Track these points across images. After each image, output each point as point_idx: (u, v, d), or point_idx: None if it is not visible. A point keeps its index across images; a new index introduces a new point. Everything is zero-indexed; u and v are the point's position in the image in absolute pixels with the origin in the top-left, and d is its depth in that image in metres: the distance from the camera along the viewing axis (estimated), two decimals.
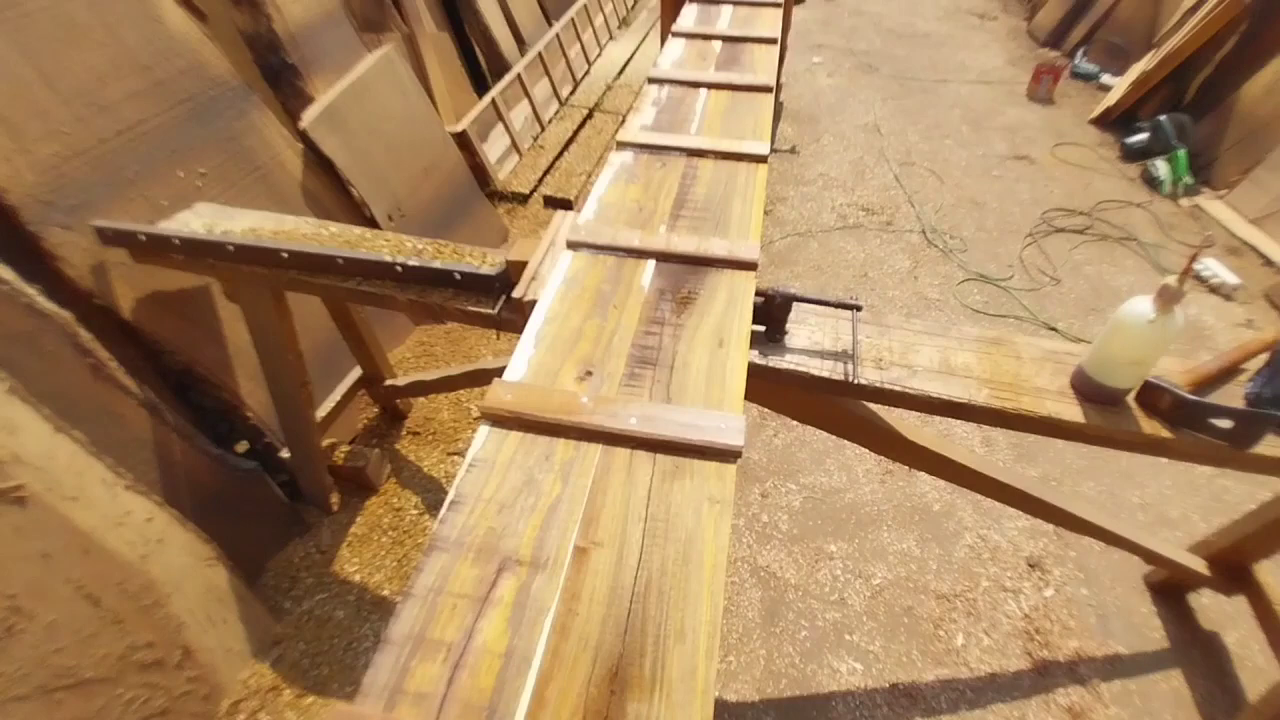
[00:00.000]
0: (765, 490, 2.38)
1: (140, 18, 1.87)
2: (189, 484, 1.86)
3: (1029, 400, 1.31)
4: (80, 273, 1.68)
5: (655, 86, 2.10)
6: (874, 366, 1.40)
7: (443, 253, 1.65)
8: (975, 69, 5.81)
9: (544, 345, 1.15)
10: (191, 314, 1.92)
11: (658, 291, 1.27)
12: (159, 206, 1.81)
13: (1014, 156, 4.51)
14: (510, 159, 4.14)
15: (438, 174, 3.08)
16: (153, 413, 1.76)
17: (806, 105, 5.23)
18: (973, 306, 3.24)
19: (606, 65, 5.62)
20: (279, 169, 2.27)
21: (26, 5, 1.62)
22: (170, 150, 1.91)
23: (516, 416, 1.01)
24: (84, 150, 1.70)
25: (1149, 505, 2.34)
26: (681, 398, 1.06)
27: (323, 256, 1.54)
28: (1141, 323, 1.18)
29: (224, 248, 1.58)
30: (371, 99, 2.69)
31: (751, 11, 2.71)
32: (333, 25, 2.62)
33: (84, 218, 1.65)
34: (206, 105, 2.04)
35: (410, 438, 2.49)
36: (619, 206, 1.52)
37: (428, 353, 2.82)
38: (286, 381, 1.88)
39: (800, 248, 3.65)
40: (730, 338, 1.17)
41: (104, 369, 1.67)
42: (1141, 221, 3.85)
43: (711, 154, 1.72)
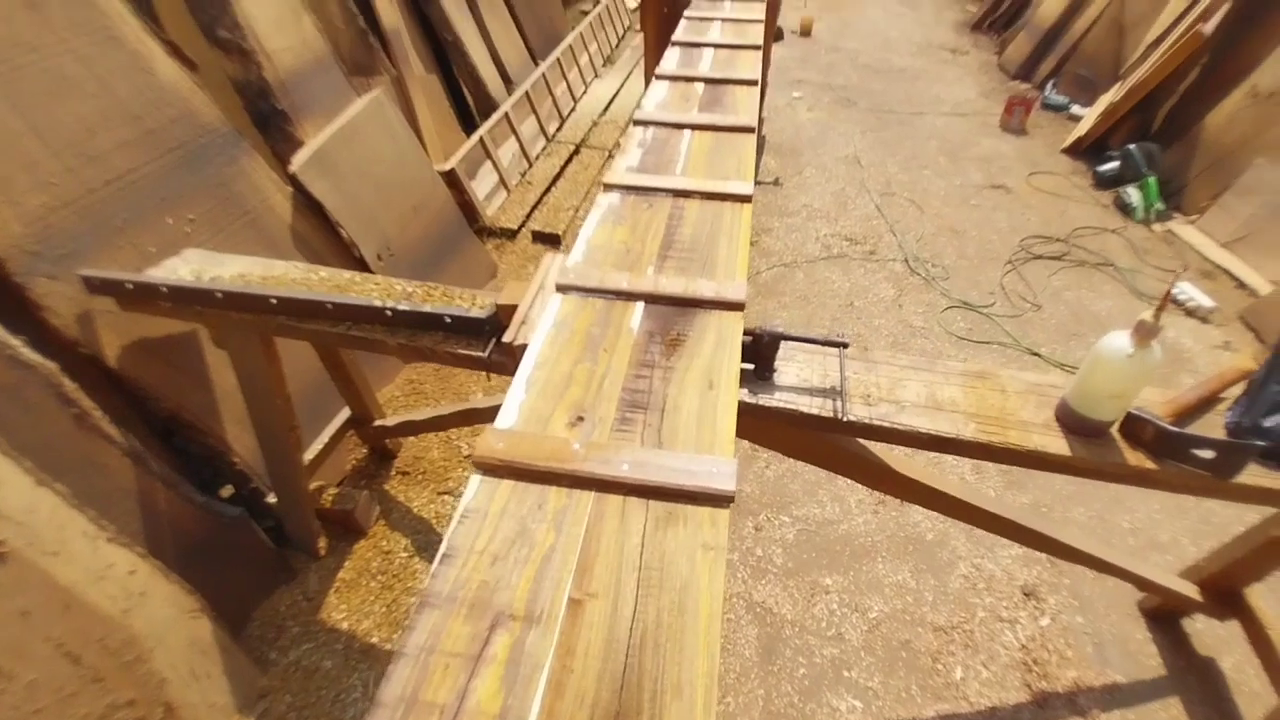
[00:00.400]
0: (759, 523, 2.37)
1: (131, 69, 1.90)
2: (173, 533, 1.82)
3: (1015, 434, 1.33)
4: (66, 322, 1.67)
5: (640, 128, 2.15)
6: (862, 402, 1.41)
7: (432, 295, 1.66)
8: (949, 102, 5.99)
9: (535, 391, 1.15)
10: (178, 360, 1.91)
11: (647, 334, 1.28)
12: (147, 254, 1.81)
13: (990, 186, 4.63)
14: (498, 195, 4.19)
15: (426, 212, 3.11)
16: (137, 462, 1.74)
17: (788, 139, 5.36)
18: (957, 334, 3.28)
19: (592, 102, 5.74)
20: (268, 213, 2.28)
21: (17, 60, 1.64)
22: (160, 198, 1.92)
23: (508, 465, 1.00)
24: (72, 200, 1.70)
25: (1139, 530, 2.35)
26: (673, 442, 1.06)
27: (312, 302, 1.55)
28: (1120, 357, 1.21)
29: (212, 295, 1.58)
30: (361, 142, 2.72)
31: (732, 54, 2.79)
32: (322, 71, 2.67)
33: (71, 267, 1.64)
34: (196, 152, 2.06)
35: (400, 478, 2.46)
36: (607, 248, 1.54)
37: (417, 390, 2.81)
38: (274, 426, 1.87)
39: (787, 278, 3.70)
40: (720, 379, 1.18)
41: (88, 419, 1.65)
42: (1117, 247, 3.95)
43: (697, 194, 1.75)
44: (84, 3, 1.82)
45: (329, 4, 3.16)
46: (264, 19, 2.39)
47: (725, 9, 3.45)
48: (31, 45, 1.67)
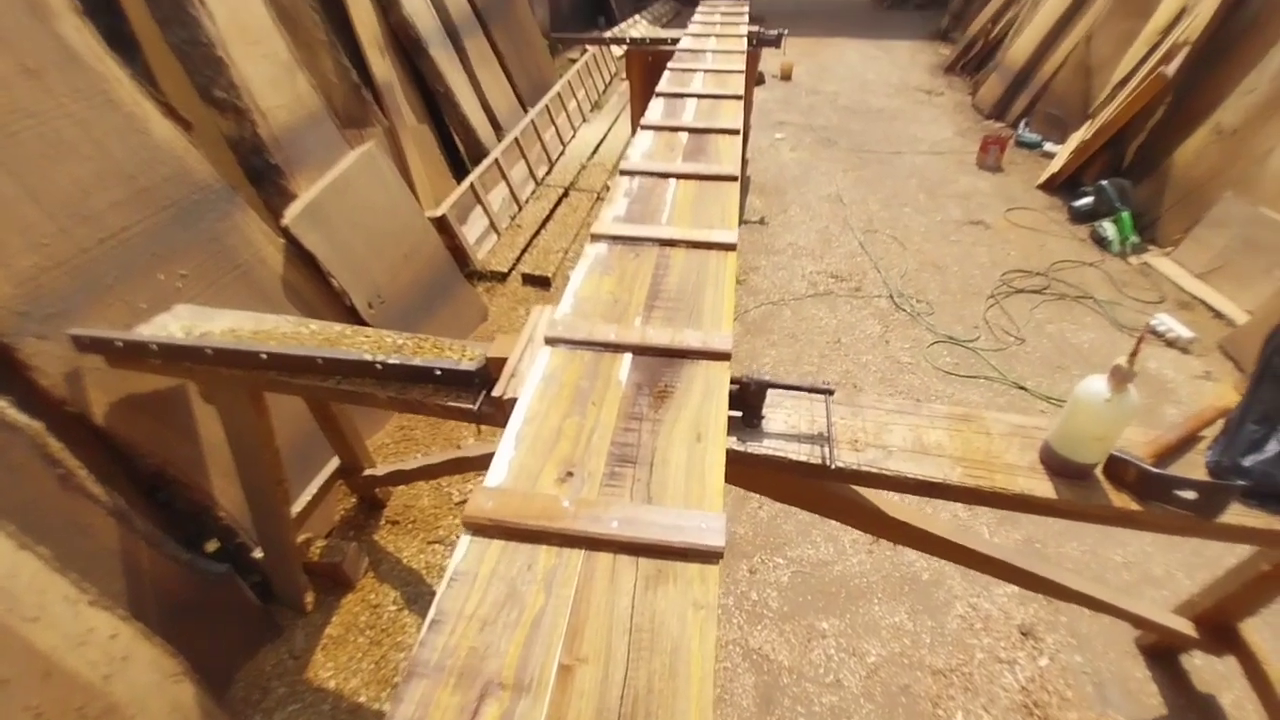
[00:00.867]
0: (753, 566, 2.35)
1: (127, 130, 1.94)
2: (156, 593, 1.79)
3: (1001, 477, 1.34)
4: (54, 381, 1.66)
5: (626, 178, 2.21)
6: (850, 448, 1.42)
7: (423, 348, 1.67)
8: (927, 141, 6.18)
9: (524, 446, 1.16)
10: (165, 415, 1.90)
11: (635, 386, 1.30)
12: (138, 310, 1.82)
13: (970, 222, 4.75)
14: (489, 239, 4.25)
15: (417, 259, 3.15)
16: (120, 521, 1.72)
17: (772, 178, 5.49)
18: (944, 369, 3.32)
19: (580, 146, 5.88)
20: (260, 265, 2.30)
21: (14, 125, 1.68)
22: (152, 254, 1.94)
23: (498, 524, 1.00)
24: (64, 260, 1.72)
25: (1132, 564, 2.35)
26: (662, 496, 1.07)
27: (302, 357, 1.56)
28: (1099, 401, 1.23)
29: (202, 352, 1.59)
30: (353, 193, 2.77)
31: (714, 104, 2.89)
32: (316, 126, 2.74)
33: (60, 327, 1.65)
34: (189, 209, 2.09)
35: (389, 527, 2.43)
36: (595, 299, 1.56)
37: (408, 437, 2.80)
38: (262, 480, 1.85)
39: (774, 316, 3.75)
40: (708, 431, 1.19)
41: (72, 478, 1.64)
42: (1095, 280, 4.04)
43: (682, 244, 1.79)
44: (83, 68, 1.87)
45: (323, 60, 3.26)
46: (259, 78, 2.46)
47: (707, 61, 3.58)
48: (29, 111, 1.71)
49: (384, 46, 3.86)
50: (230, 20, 2.38)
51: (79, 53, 1.86)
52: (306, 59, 3.00)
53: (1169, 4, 4.99)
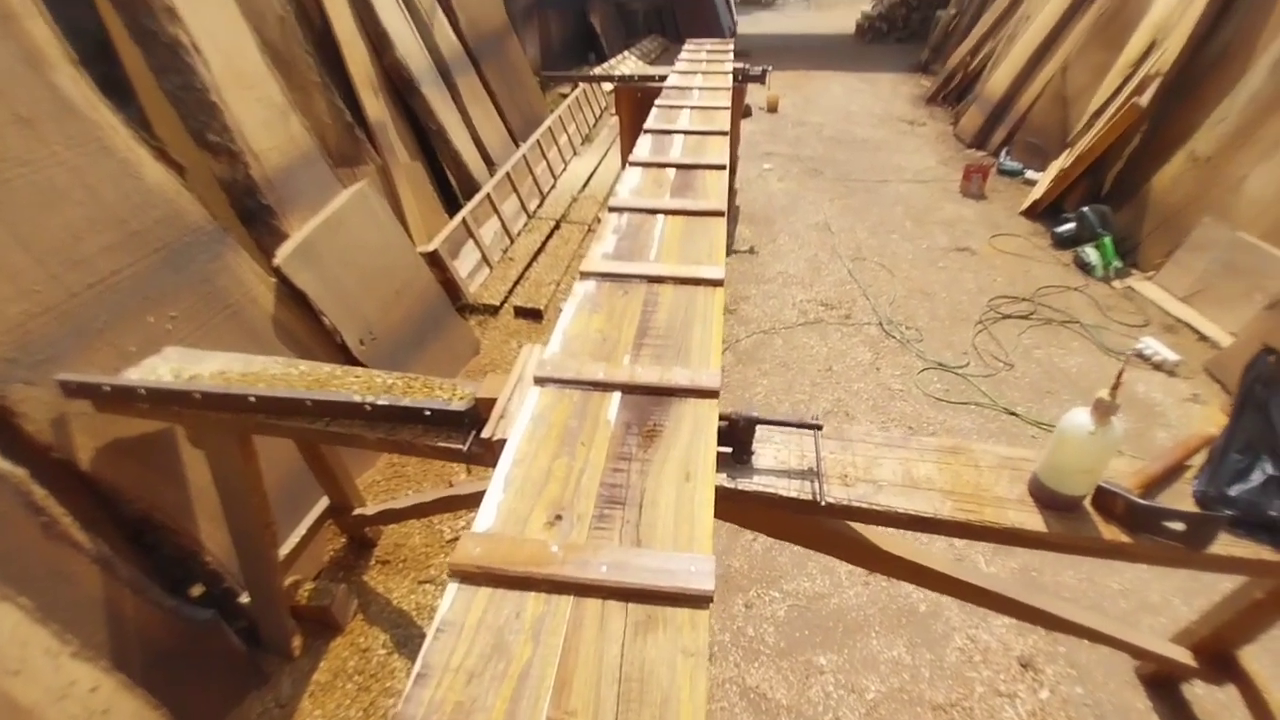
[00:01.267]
0: (749, 600, 2.33)
1: (120, 176, 1.96)
2: (140, 642, 1.75)
3: (991, 511, 1.34)
4: (40, 427, 1.65)
5: (615, 215, 2.24)
6: (840, 483, 1.42)
7: (412, 387, 1.67)
8: (911, 170, 6.31)
9: (513, 489, 1.15)
10: (152, 459, 1.88)
11: (624, 425, 1.30)
12: (127, 354, 1.82)
13: (956, 248, 4.82)
14: (481, 272, 4.28)
15: (409, 294, 3.16)
16: (104, 568, 1.69)
17: (761, 208, 5.58)
18: (935, 395, 3.34)
19: (571, 179, 5.96)
20: (251, 305, 2.31)
21: (6, 174, 1.70)
22: (142, 297, 1.95)
23: (486, 571, 1.00)
24: (54, 306, 1.72)
25: (1129, 591, 2.34)
26: (651, 538, 1.07)
27: (291, 400, 1.55)
28: (1083, 434, 1.24)
29: (190, 396, 1.58)
30: (345, 231, 2.80)
31: (701, 140, 2.95)
32: (308, 166, 2.77)
33: (48, 372, 1.64)
34: (180, 251, 2.10)
35: (379, 567, 2.40)
36: (584, 337, 1.57)
37: (399, 474, 2.77)
38: (249, 524, 1.83)
39: (766, 345, 3.77)
40: (696, 470, 1.19)
41: (56, 526, 1.61)
42: (1080, 304, 4.09)
43: (670, 280, 1.81)
44: (77, 116, 1.90)
45: (317, 101, 3.32)
46: (252, 122, 2.50)
47: (694, 98, 3.66)
48: (22, 159, 1.73)
49: (377, 87, 3.94)
50: (225, 66, 2.43)
51: (73, 102, 1.89)
52: (300, 101, 3.06)
53: (1140, 37, 5.16)
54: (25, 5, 1.86)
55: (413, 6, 4.61)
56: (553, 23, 9.74)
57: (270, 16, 3.04)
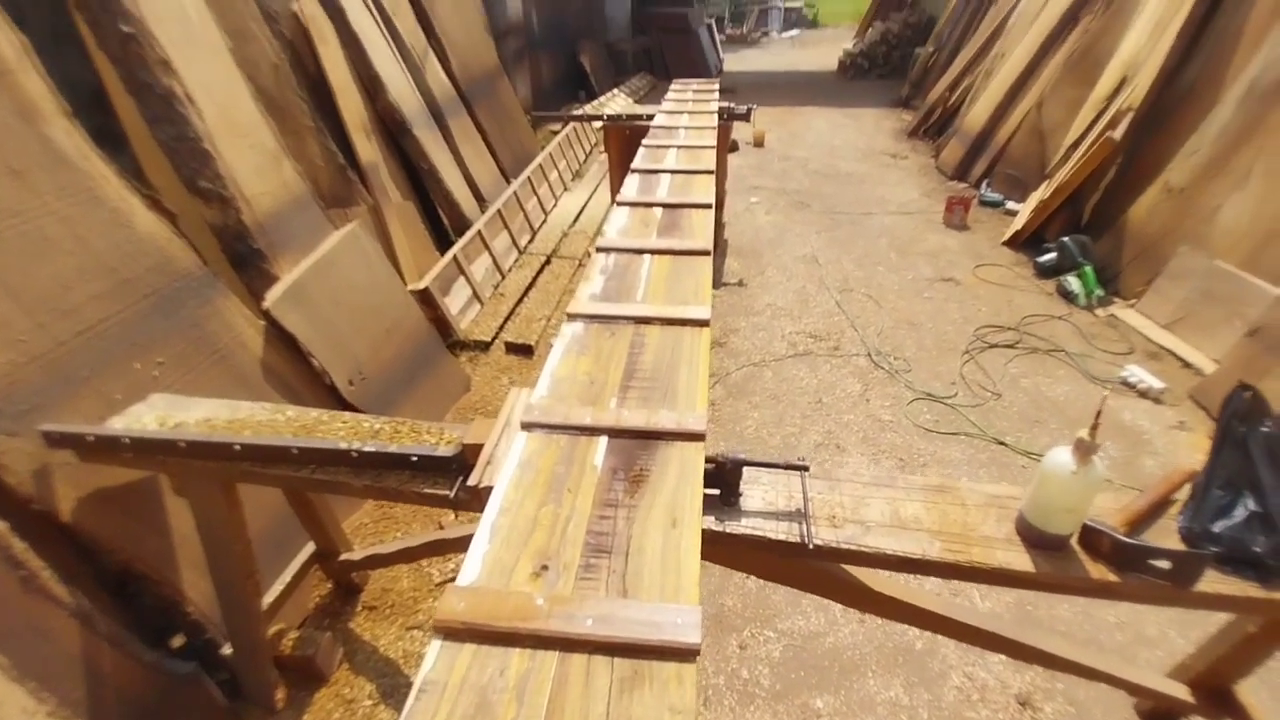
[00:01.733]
0: (743, 640, 2.29)
1: (111, 225, 1.98)
2: (118, 698, 1.70)
3: (979, 551, 1.34)
4: (21, 479, 1.63)
5: (603, 255, 2.27)
6: (828, 525, 1.42)
7: (399, 432, 1.67)
8: (895, 202, 6.44)
9: (499, 539, 1.15)
10: (135, 508, 1.86)
11: (610, 470, 1.30)
12: (113, 401, 1.81)
13: (941, 279, 4.90)
14: (472, 308, 4.30)
15: (399, 333, 3.17)
16: (83, 623, 1.65)
17: (749, 241, 5.66)
18: (925, 426, 3.35)
19: (562, 214, 6.04)
20: (240, 349, 2.31)
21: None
22: (130, 344, 1.95)
23: (470, 627, 0.98)
24: (40, 355, 1.72)
25: (1125, 624, 2.32)
26: (638, 588, 1.06)
27: (276, 447, 1.54)
28: (1065, 474, 1.25)
29: (175, 445, 1.57)
30: (335, 273, 2.82)
31: (687, 179, 3.01)
32: (300, 210, 2.81)
33: (32, 422, 1.63)
34: (170, 297, 2.11)
35: (366, 613, 2.35)
36: (571, 380, 1.58)
37: (388, 516, 2.74)
38: (232, 574, 1.80)
39: (756, 377, 3.79)
40: (683, 516, 1.19)
41: (35, 580, 1.58)
42: (1065, 333, 4.15)
43: (657, 321, 1.83)
44: (69, 167, 1.92)
45: (310, 145, 3.37)
46: (245, 168, 2.54)
47: (680, 137, 3.75)
48: (13, 211, 1.75)
49: (370, 129, 4.01)
50: (218, 116, 2.47)
51: (66, 153, 1.92)
52: (293, 145, 3.11)
53: (1111, 73, 5.34)
54: (20, 61, 1.90)
55: (405, 51, 4.72)
56: (544, 63, 9.98)
57: (265, 65, 3.11)
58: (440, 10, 5.33)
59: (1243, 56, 4.24)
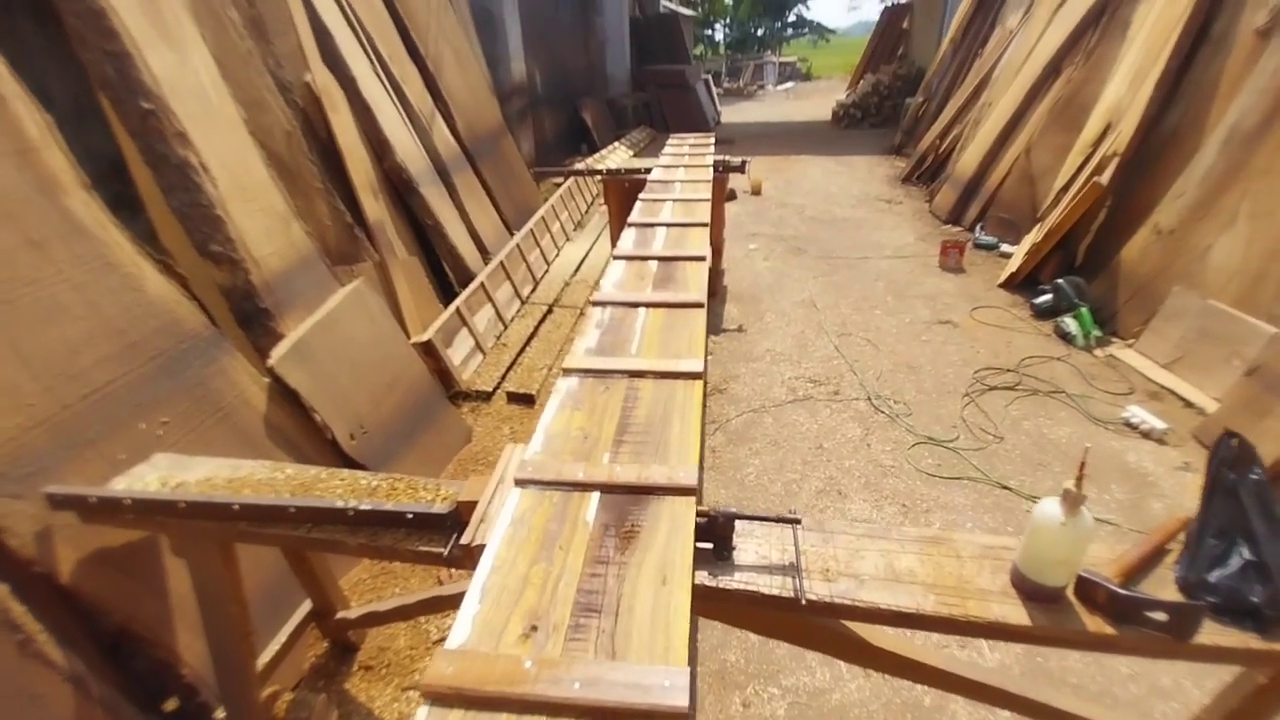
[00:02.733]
0: (746, 698, 2.24)
1: (122, 290, 2.05)
2: None
3: (975, 604, 1.33)
4: (23, 541, 1.65)
5: (599, 309, 2.32)
6: (821, 578, 1.41)
7: (396, 489, 1.68)
8: (890, 246, 6.55)
9: (489, 600, 1.15)
10: (133, 569, 1.87)
11: (602, 526, 1.31)
12: (117, 462, 1.84)
13: (938, 321, 4.94)
14: (474, 359, 4.36)
15: (401, 386, 3.21)
16: (77, 687, 1.64)
17: (748, 287, 5.75)
18: (927, 471, 3.33)
19: (563, 264, 6.17)
20: (244, 406, 2.35)
21: (12, 294, 1.78)
22: (135, 404, 1.99)
23: (458, 693, 0.98)
24: (46, 419, 1.76)
25: (1139, 675, 2.26)
26: (627, 649, 1.06)
27: (274, 507, 1.56)
28: (1055, 525, 1.25)
29: (175, 505, 1.59)
30: (339, 329, 2.89)
31: (683, 232, 3.10)
32: (306, 269, 2.90)
33: (36, 485, 1.66)
34: (176, 358, 2.16)
35: (362, 673, 2.31)
36: (565, 436, 1.61)
37: (386, 570, 2.72)
38: (228, 634, 1.79)
39: (756, 424, 3.80)
40: (673, 574, 1.19)
41: (31, 644, 1.58)
42: (1065, 374, 4.15)
43: (651, 374, 1.86)
44: (85, 237, 2.01)
45: (319, 206, 3.50)
46: (255, 230, 2.64)
47: (676, 190, 3.87)
48: (29, 279, 1.82)
49: (377, 189, 4.16)
50: (230, 182, 2.59)
51: (83, 223, 2.01)
52: (303, 206, 3.23)
53: (1096, 120, 5.50)
54: (44, 138, 2.01)
55: (413, 113, 4.94)
56: (547, 119, 10.37)
57: (278, 132, 3.26)
58: (447, 75, 5.59)
59: (1222, 103, 4.38)
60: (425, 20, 5.41)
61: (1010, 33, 7.92)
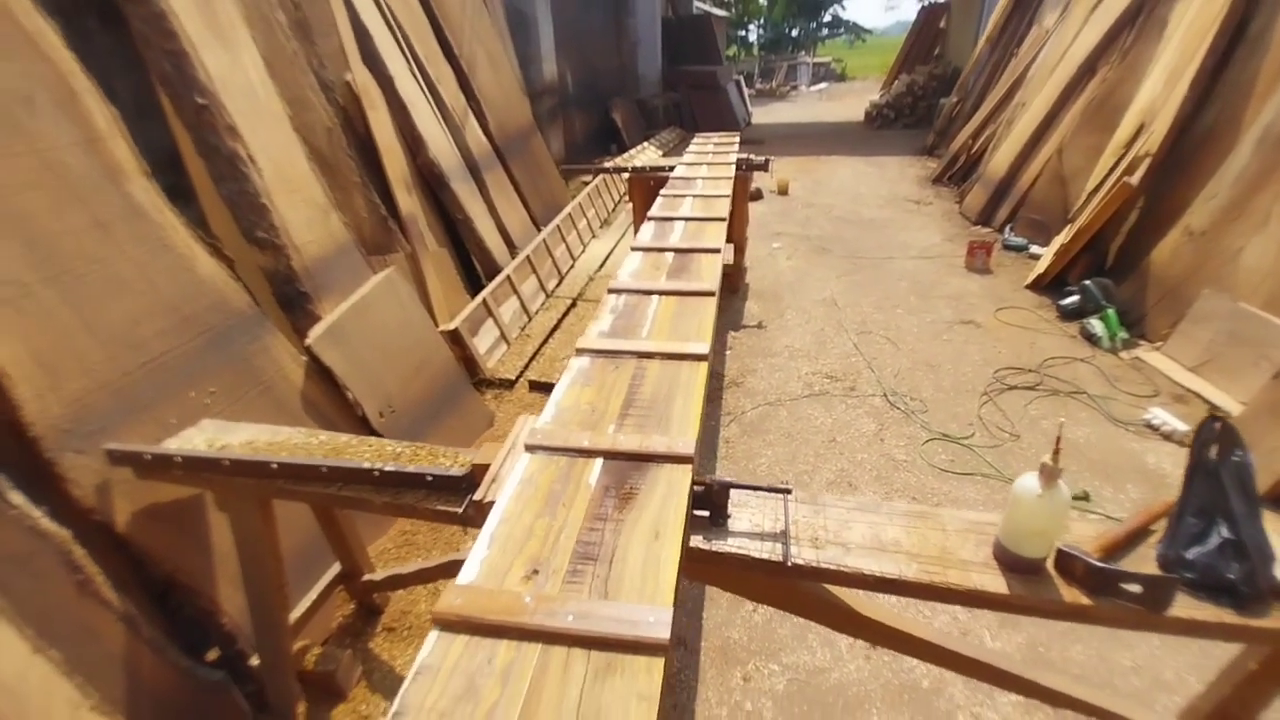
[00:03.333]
0: (747, 673, 2.32)
1: (177, 269, 2.24)
2: (153, 699, 1.84)
3: (955, 573, 1.39)
4: (85, 492, 1.83)
5: (614, 296, 2.43)
6: (810, 545, 1.49)
7: (418, 455, 1.81)
8: (917, 246, 6.52)
9: (497, 545, 1.27)
10: (182, 523, 2.04)
11: (603, 488, 1.41)
12: (168, 425, 2.01)
13: (961, 321, 4.92)
14: (499, 349, 4.51)
15: (428, 370, 3.37)
16: (129, 626, 1.81)
17: (769, 285, 5.79)
18: (940, 466, 3.35)
19: (589, 260, 6.30)
20: (283, 381, 2.52)
21: (81, 269, 1.97)
22: (186, 374, 2.17)
23: (465, 620, 1.10)
24: (109, 383, 1.94)
25: (1141, 668, 2.27)
26: (618, 592, 1.16)
27: (308, 466, 1.71)
28: (1032, 497, 1.31)
29: (220, 463, 1.75)
30: (371, 314, 3.05)
31: (700, 226, 3.19)
32: (343, 256, 3.07)
33: (98, 442, 1.84)
34: (224, 333, 2.34)
35: (385, 634, 2.46)
36: (574, 409, 1.71)
37: (410, 542, 2.87)
38: (265, 586, 1.94)
39: (771, 416, 3.86)
40: (665, 530, 1.29)
41: (90, 585, 1.75)
42: (1088, 375, 4.11)
43: (659, 355, 1.96)
44: (145, 219, 2.19)
45: (356, 199, 3.68)
46: (296, 220, 2.82)
47: (697, 187, 3.96)
48: (96, 257, 2.01)
49: (411, 184, 4.34)
50: (275, 174, 2.77)
51: (143, 207, 2.20)
52: (341, 198, 3.41)
53: (1130, 120, 5.41)
54: (110, 129, 2.20)
55: (447, 112, 5.12)
56: (577, 119, 10.54)
57: (320, 128, 3.45)
58: (479, 74, 5.77)
59: (1257, 103, 4.28)
60: (460, 21, 5.60)
61: (1046, 32, 7.80)
